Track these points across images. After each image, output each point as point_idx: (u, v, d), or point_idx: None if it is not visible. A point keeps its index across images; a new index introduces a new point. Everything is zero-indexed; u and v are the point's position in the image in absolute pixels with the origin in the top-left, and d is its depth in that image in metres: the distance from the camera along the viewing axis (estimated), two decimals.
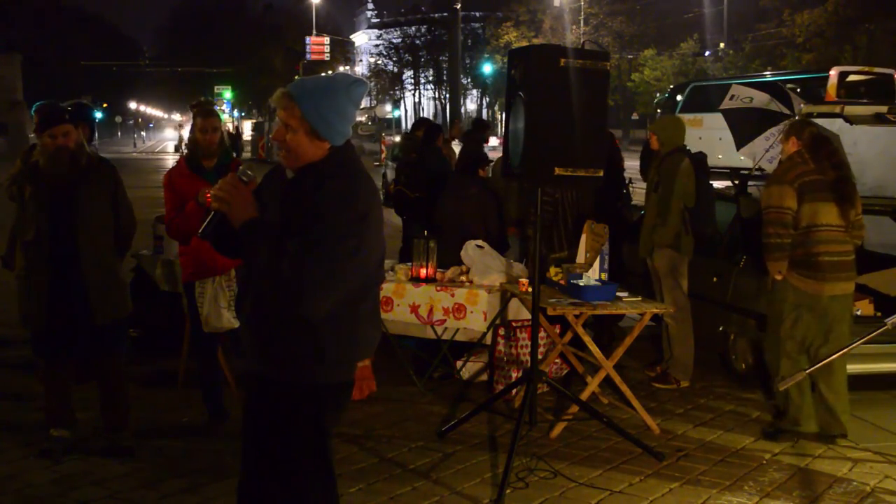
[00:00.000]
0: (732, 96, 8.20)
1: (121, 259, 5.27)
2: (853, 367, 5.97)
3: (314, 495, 3.08)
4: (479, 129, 10.55)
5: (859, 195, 5.50)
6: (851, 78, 22.56)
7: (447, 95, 60.72)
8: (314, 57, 58.34)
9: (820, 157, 5.39)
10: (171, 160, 38.25)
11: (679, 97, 27.57)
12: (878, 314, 5.98)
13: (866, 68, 23.26)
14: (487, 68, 59.27)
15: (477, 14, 69.91)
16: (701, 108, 26.18)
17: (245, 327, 3.08)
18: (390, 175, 18.64)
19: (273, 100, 2.99)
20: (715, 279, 6.92)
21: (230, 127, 39.38)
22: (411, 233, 8.23)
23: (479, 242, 6.51)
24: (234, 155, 2.93)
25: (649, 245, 6.55)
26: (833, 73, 21.60)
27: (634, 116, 55.88)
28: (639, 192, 9.84)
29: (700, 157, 6.61)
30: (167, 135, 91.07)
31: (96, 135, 6.58)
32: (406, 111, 79.61)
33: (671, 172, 6.37)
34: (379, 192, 3.09)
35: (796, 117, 7.35)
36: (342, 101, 2.92)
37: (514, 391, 5.89)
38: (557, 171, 4.92)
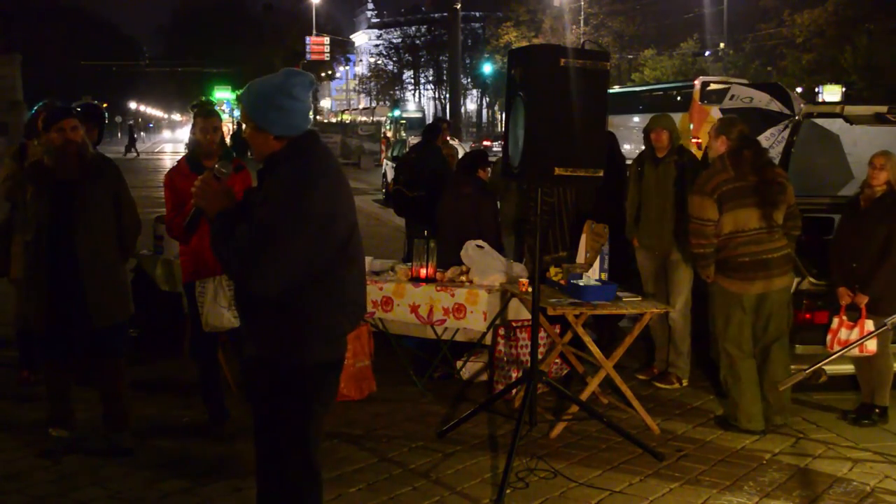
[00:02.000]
0: (732, 96, 8.20)
1: (124, 261, 5.26)
2: (853, 368, 5.98)
3: (292, 482, 3.18)
4: (434, 134, 9.02)
5: (786, 190, 5.59)
6: (711, 87, 29.18)
7: (447, 95, 60.70)
8: (314, 57, 58.36)
9: (741, 162, 5.53)
10: (168, 161, 38.29)
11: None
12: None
13: (724, 78, 29.29)
14: (487, 68, 59.30)
15: (477, 14, 69.93)
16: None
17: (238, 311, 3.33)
18: (390, 174, 18.64)
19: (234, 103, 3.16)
20: None
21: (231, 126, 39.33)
22: (412, 233, 8.22)
23: (479, 242, 6.50)
24: (249, 155, 3.10)
25: (668, 240, 6.44)
26: (697, 82, 27.93)
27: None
28: None
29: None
30: (165, 136, 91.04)
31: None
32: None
33: (699, 164, 6.43)
34: (341, 176, 3.22)
35: (797, 117, 7.35)
36: (273, 94, 3.09)
37: (514, 391, 5.89)
38: (557, 171, 4.91)
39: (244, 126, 3.19)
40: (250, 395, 3.31)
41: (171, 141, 54.17)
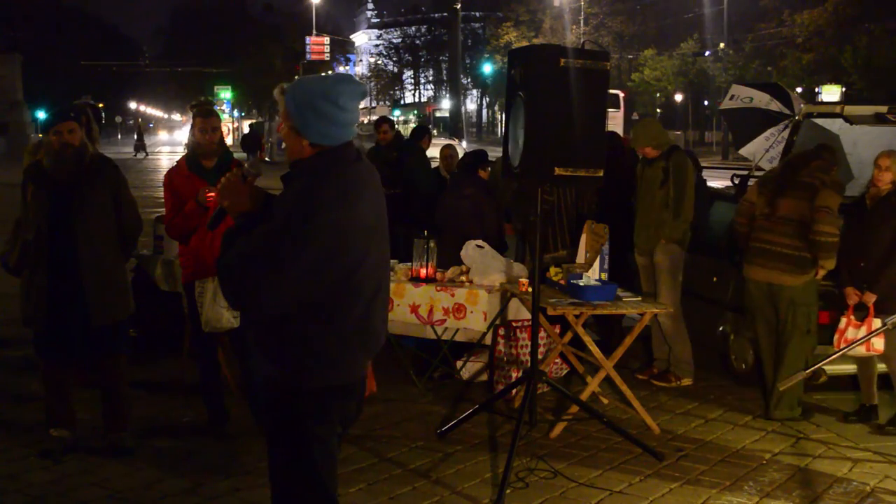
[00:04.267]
0: (732, 96, 8.20)
1: (124, 260, 5.26)
2: (854, 368, 5.97)
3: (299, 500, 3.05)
4: (420, 134, 9.34)
5: (807, 188, 5.70)
6: None
7: (447, 95, 60.66)
8: (314, 57, 58.34)
9: (789, 163, 6.05)
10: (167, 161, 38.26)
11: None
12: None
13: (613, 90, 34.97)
14: (487, 68, 59.22)
15: (477, 14, 69.80)
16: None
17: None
18: None
19: (275, 93, 3.04)
20: (714, 279, 6.92)
21: (243, 126, 39.33)
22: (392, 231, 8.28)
23: (479, 242, 6.50)
24: (259, 153, 3.01)
25: (654, 241, 6.52)
26: None
27: (635, 116, 55.89)
28: None
29: (692, 154, 6.74)
30: (162, 137, 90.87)
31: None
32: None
33: (683, 167, 6.48)
34: (368, 196, 2.96)
35: (797, 117, 7.36)
36: (318, 101, 2.90)
37: (514, 391, 5.89)
38: (557, 170, 4.92)
39: (284, 124, 2.97)
40: (255, 411, 3.20)
41: (168, 143, 53.54)
